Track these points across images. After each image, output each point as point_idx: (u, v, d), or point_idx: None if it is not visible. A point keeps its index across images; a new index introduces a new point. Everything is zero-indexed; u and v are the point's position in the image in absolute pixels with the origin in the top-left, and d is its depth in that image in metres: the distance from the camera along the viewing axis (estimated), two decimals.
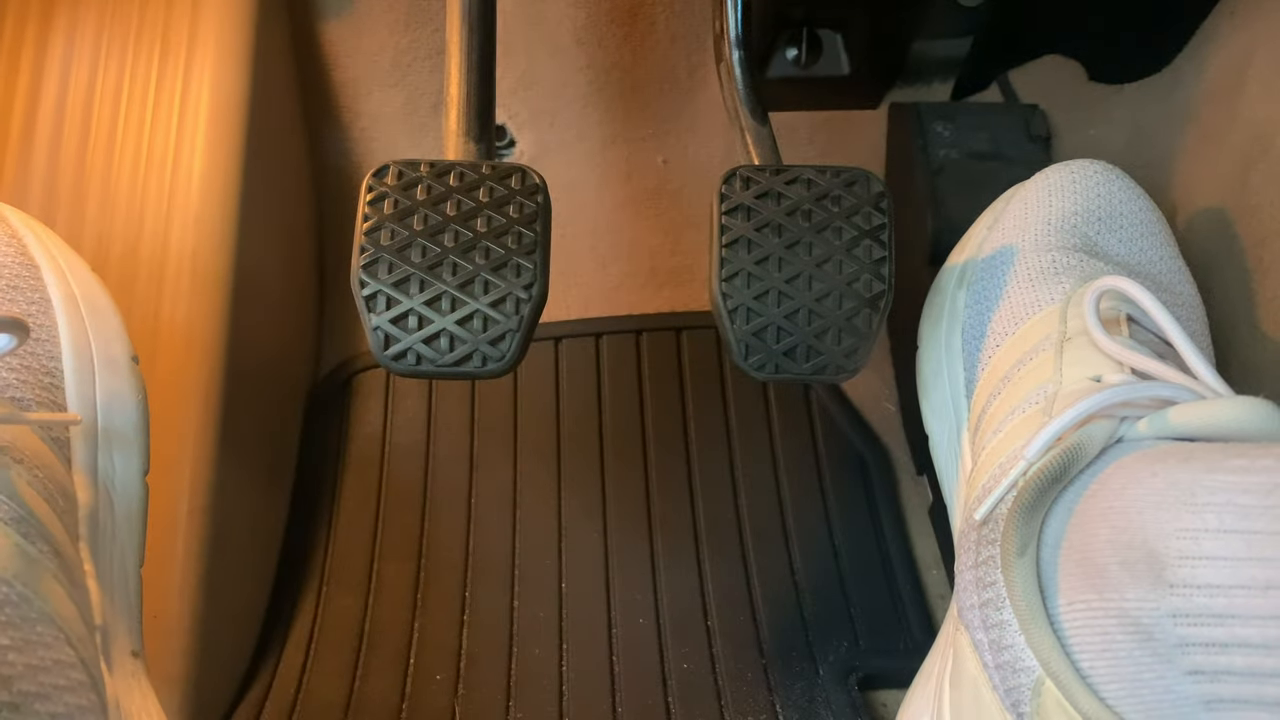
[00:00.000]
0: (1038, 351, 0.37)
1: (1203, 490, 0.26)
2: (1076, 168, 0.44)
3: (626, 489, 0.53)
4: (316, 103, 0.63)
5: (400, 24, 0.62)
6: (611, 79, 0.63)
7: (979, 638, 0.32)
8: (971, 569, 0.34)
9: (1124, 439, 0.31)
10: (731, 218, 0.39)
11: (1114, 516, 0.28)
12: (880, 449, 0.55)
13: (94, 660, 0.29)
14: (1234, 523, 0.24)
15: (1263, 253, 0.45)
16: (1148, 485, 0.28)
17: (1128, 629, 0.26)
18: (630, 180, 0.64)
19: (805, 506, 0.53)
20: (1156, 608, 0.25)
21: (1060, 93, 0.61)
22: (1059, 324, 0.37)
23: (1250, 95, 0.49)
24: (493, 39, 0.52)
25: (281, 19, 0.59)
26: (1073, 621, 0.28)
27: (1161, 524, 0.26)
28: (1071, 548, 0.30)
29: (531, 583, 0.50)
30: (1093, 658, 0.27)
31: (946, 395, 0.44)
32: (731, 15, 0.48)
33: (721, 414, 0.56)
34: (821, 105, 0.63)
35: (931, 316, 0.46)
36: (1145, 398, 0.31)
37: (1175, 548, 0.25)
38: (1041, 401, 0.35)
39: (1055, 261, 0.41)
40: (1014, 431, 0.35)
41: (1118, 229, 0.43)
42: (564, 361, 0.59)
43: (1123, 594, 0.27)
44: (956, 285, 0.45)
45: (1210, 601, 0.24)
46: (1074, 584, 0.29)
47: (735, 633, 0.48)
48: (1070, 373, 0.35)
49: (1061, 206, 0.43)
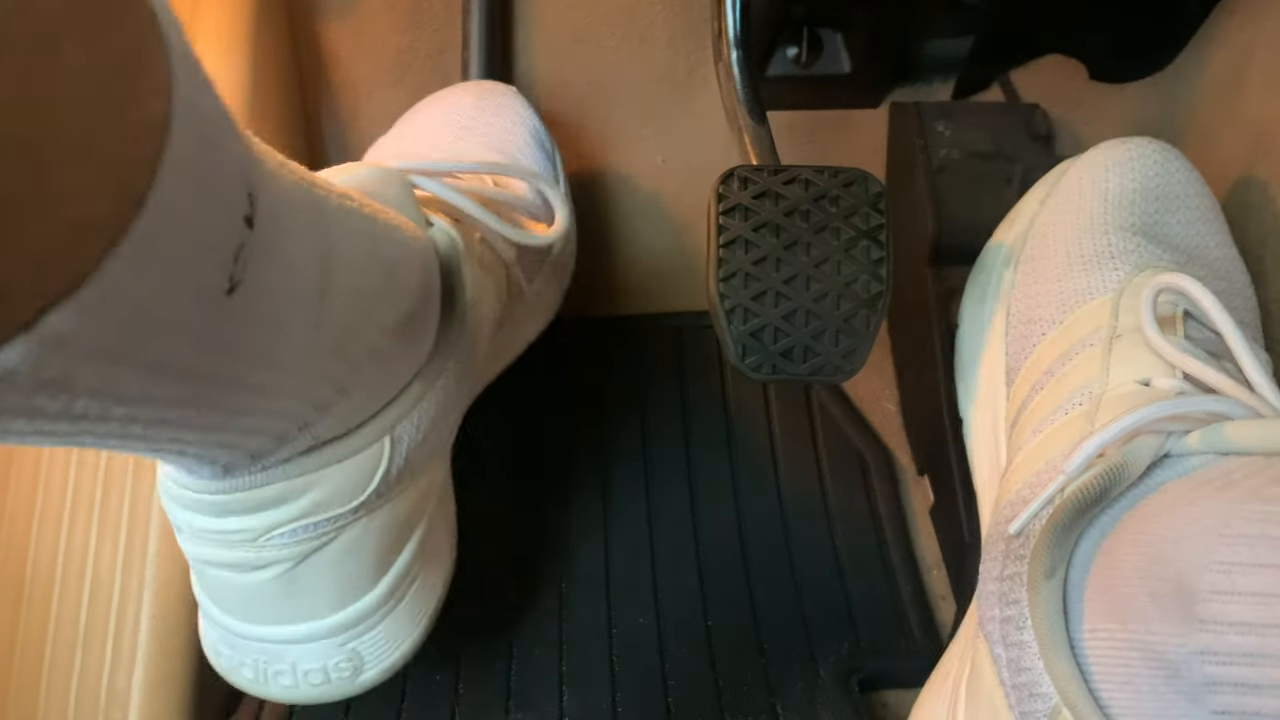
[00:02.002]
0: (1085, 346, 0.36)
1: (1239, 520, 0.24)
2: (1134, 145, 0.42)
3: (626, 489, 0.53)
4: (316, 103, 0.63)
5: (401, 24, 0.62)
6: (610, 79, 0.63)
7: (998, 653, 0.31)
8: (996, 580, 0.32)
9: (1171, 454, 0.29)
10: (729, 218, 0.39)
11: (1145, 544, 0.27)
12: (880, 449, 0.55)
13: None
14: (1270, 556, 0.23)
15: (1263, 253, 0.45)
16: (1182, 513, 0.26)
17: (1152, 663, 0.25)
18: (630, 180, 0.64)
19: (805, 506, 0.53)
20: (1184, 644, 0.24)
21: (1061, 92, 0.61)
22: (1110, 317, 0.36)
23: (1250, 95, 0.49)
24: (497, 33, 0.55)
25: (281, 19, 0.59)
26: (1095, 649, 0.27)
27: (1195, 555, 0.25)
28: (1100, 572, 0.28)
29: (531, 583, 0.50)
30: (1114, 689, 0.26)
31: (986, 381, 0.43)
32: (730, 15, 0.48)
33: (721, 414, 0.56)
34: (822, 104, 0.63)
35: (974, 295, 0.45)
36: (1196, 411, 0.29)
37: (1207, 581, 0.24)
38: (1085, 404, 0.33)
39: (1111, 245, 0.39)
40: (1053, 436, 0.34)
41: (1177, 210, 0.41)
42: (564, 362, 0.59)
43: (1149, 627, 0.26)
44: (1004, 264, 0.43)
45: (1242, 640, 0.23)
46: (1099, 610, 0.28)
47: (735, 633, 0.48)
48: (1118, 373, 0.33)
49: (1120, 183, 0.41)
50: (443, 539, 0.43)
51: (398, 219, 0.34)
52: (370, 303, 0.31)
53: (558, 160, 0.54)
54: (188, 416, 0.25)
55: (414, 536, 0.39)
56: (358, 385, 0.32)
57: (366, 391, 0.33)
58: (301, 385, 0.29)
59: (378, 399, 0.34)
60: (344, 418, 0.33)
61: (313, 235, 0.27)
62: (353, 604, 0.37)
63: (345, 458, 0.33)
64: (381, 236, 0.32)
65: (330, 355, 0.30)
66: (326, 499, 0.33)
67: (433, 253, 0.37)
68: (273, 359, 0.26)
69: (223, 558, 0.33)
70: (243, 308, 0.23)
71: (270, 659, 0.37)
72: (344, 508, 0.34)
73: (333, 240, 0.28)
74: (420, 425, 0.36)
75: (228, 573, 0.34)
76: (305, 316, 0.27)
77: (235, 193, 0.21)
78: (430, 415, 0.37)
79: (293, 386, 0.29)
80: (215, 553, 0.33)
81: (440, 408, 0.38)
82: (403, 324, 0.33)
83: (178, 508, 0.33)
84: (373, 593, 0.37)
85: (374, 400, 0.34)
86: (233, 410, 0.27)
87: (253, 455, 0.31)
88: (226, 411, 0.26)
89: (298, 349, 0.27)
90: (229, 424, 0.27)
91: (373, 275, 0.31)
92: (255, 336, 0.25)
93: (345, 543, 0.35)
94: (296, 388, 0.29)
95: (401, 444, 0.35)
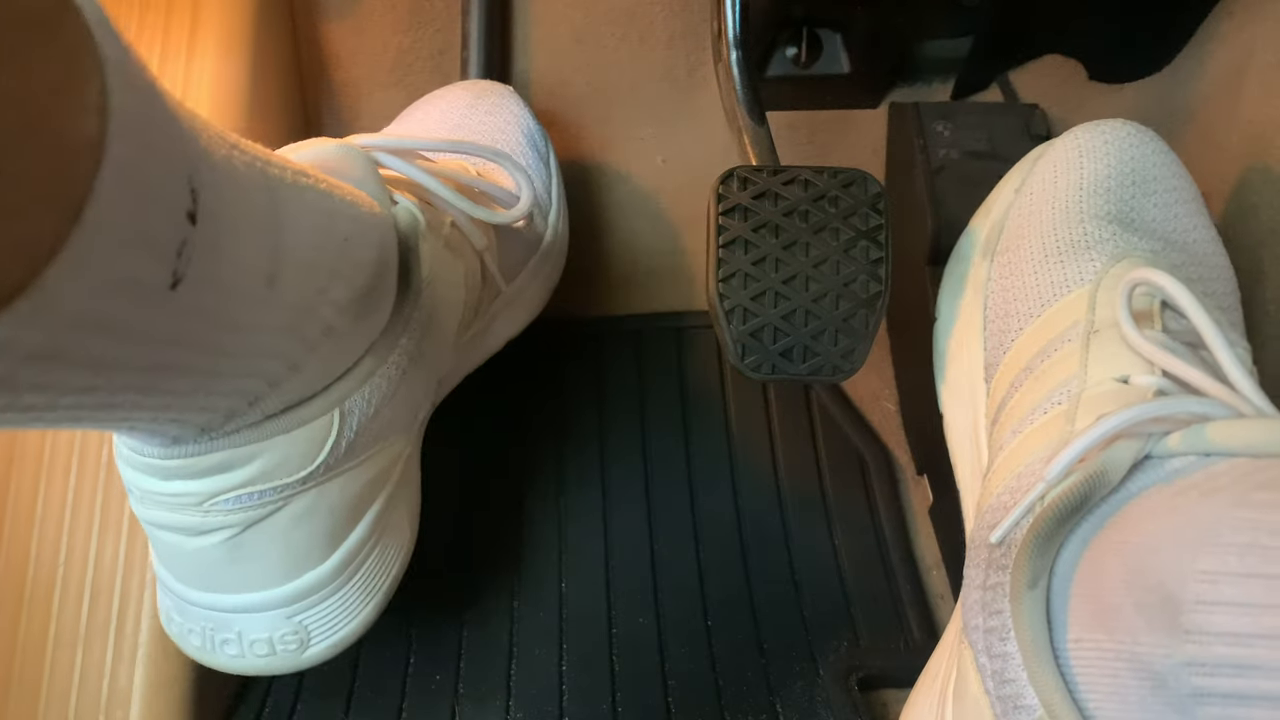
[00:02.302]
0: (1063, 342, 0.35)
1: (1225, 528, 0.24)
2: (1109, 128, 0.41)
3: (626, 488, 0.53)
4: (317, 103, 0.63)
5: (401, 24, 0.62)
6: (610, 79, 0.63)
7: (983, 663, 0.30)
8: (979, 589, 0.32)
9: (1152, 455, 0.29)
10: (729, 218, 0.39)
11: (1130, 553, 0.27)
12: (880, 449, 0.55)
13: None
14: (1257, 566, 0.23)
15: (1262, 253, 0.45)
16: (1166, 521, 0.26)
17: (1139, 674, 0.25)
18: (630, 180, 0.64)
19: (805, 506, 0.53)
20: (1170, 655, 0.24)
21: (1060, 92, 0.61)
22: (1088, 311, 0.35)
23: (1250, 95, 0.49)
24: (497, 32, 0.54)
25: (283, 19, 0.59)
26: (1081, 660, 0.27)
27: (1180, 564, 0.24)
28: (1084, 580, 0.28)
29: (531, 582, 0.50)
30: (1100, 699, 0.26)
31: (965, 377, 0.42)
32: (730, 15, 0.48)
33: (721, 414, 0.56)
34: (821, 105, 0.63)
35: (950, 287, 0.45)
36: (1177, 413, 0.29)
37: (1193, 591, 0.23)
38: (1064, 403, 0.33)
39: (1087, 233, 0.38)
40: (1033, 436, 0.33)
41: (1153, 193, 0.40)
42: (564, 362, 0.59)
43: (1135, 637, 0.25)
44: (981, 254, 0.43)
45: (1229, 651, 0.23)
46: (1084, 620, 0.27)
47: (735, 633, 0.48)
48: (1096, 371, 0.33)
49: (1094, 170, 0.40)
50: (403, 518, 0.43)
51: (354, 194, 0.34)
52: (325, 279, 0.31)
53: (552, 161, 0.55)
54: (135, 400, 0.25)
55: (369, 513, 0.39)
56: (310, 362, 0.32)
57: (320, 365, 0.33)
58: (252, 365, 0.30)
59: (330, 373, 0.35)
60: (295, 391, 0.33)
61: (263, 219, 0.27)
62: (301, 576, 0.37)
63: (293, 428, 0.33)
64: (337, 213, 0.32)
65: (282, 334, 0.30)
66: (272, 468, 0.33)
67: (391, 228, 0.37)
68: (221, 346, 0.27)
69: (170, 520, 0.34)
70: (188, 301, 0.23)
71: (217, 627, 0.37)
72: (291, 478, 0.34)
73: (284, 221, 0.28)
74: (371, 400, 0.37)
75: (176, 536, 0.35)
76: (254, 302, 0.27)
77: (177, 191, 0.21)
78: (382, 390, 0.37)
79: (243, 367, 0.29)
80: (163, 515, 0.34)
81: (393, 383, 0.38)
82: (356, 300, 0.33)
83: (129, 469, 0.33)
84: (322, 566, 0.37)
85: (326, 374, 0.34)
86: (181, 393, 0.27)
87: (202, 428, 0.31)
88: (175, 394, 0.27)
89: (247, 333, 0.28)
90: (178, 404, 0.28)
91: (326, 252, 0.31)
92: (202, 327, 0.25)
93: (293, 513, 0.35)
94: (247, 368, 0.29)
95: (352, 417, 0.36)
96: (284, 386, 0.32)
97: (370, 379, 0.36)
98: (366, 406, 0.36)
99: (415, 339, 0.39)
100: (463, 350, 0.47)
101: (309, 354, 0.32)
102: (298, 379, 0.32)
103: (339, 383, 0.35)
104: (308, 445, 0.34)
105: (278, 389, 0.32)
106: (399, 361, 0.38)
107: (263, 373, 0.30)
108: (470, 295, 0.45)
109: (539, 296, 0.54)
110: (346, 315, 0.33)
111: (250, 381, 0.30)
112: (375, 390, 0.37)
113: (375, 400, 0.37)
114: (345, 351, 0.35)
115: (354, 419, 0.36)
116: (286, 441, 0.33)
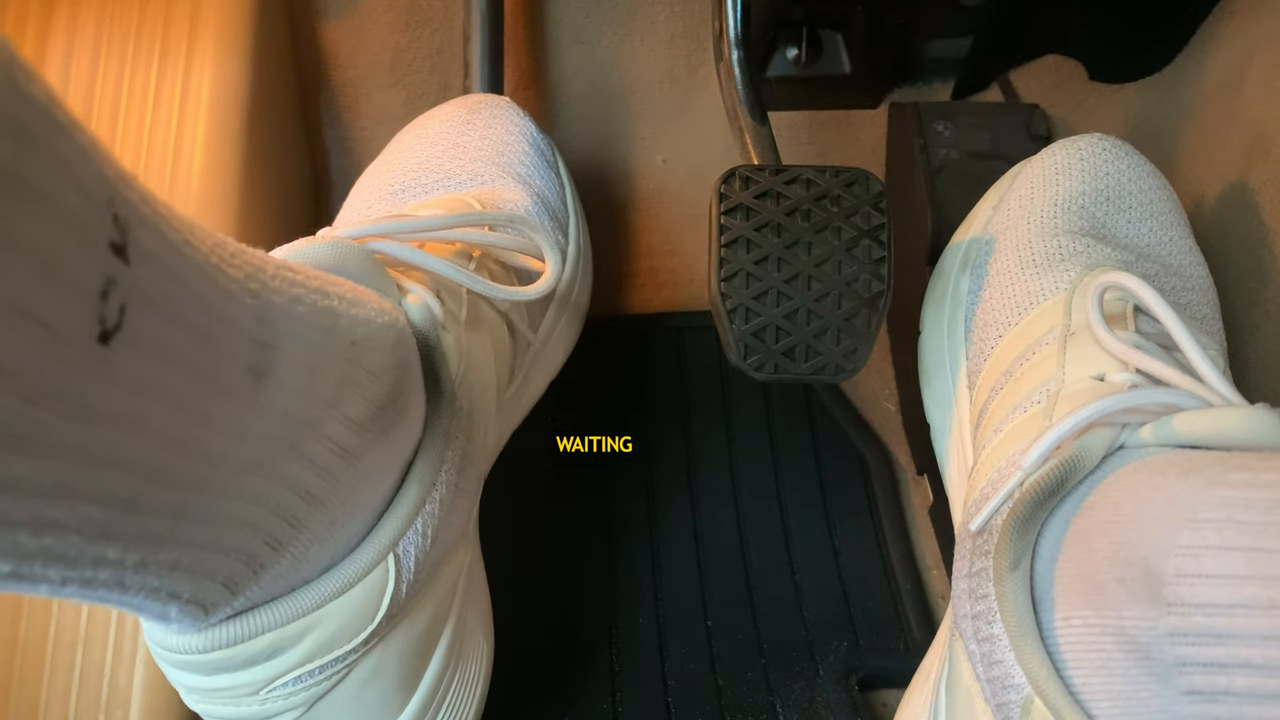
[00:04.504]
0: (1041, 345, 0.36)
1: (1203, 505, 0.25)
2: (1084, 144, 0.42)
3: (625, 489, 0.53)
4: (316, 103, 0.63)
5: (400, 24, 0.62)
6: (611, 79, 0.63)
7: (971, 648, 0.31)
8: (965, 578, 0.33)
9: (1125, 445, 0.30)
10: (730, 217, 0.39)
11: (1112, 531, 0.28)
12: (880, 449, 0.55)
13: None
14: (1235, 539, 0.24)
15: (1262, 253, 0.45)
16: (1147, 499, 0.27)
17: (1124, 647, 0.26)
18: (630, 180, 0.64)
19: (805, 506, 0.53)
20: (1154, 627, 0.25)
21: (1060, 92, 0.61)
22: (1064, 317, 0.37)
23: (1250, 95, 0.49)
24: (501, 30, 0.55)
25: (281, 19, 0.59)
26: (1067, 637, 0.28)
27: (1160, 540, 0.25)
28: (1068, 561, 0.29)
29: (530, 583, 0.50)
30: (1087, 675, 0.27)
31: (949, 385, 0.43)
32: (731, 15, 0.48)
33: (721, 414, 0.56)
34: (821, 105, 0.63)
35: (934, 302, 0.46)
36: (1149, 404, 0.30)
37: (1174, 565, 0.24)
38: (1043, 401, 0.34)
39: (1061, 247, 0.40)
40: (1014, 433, 0.35)
41: (1126, 209, 0.41)
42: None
43: (1119, 612, 0.26)
44: (960, 269, 0.44)
45: (1210, 621, 0.24)
46: (1070, 599, 0.28)
47: (735, 633, 0.48)
48: (1073, 370, 0.34)
49: (1069, 186, 0.41)
50: (476, 630, 0.39)
51: (356, 290, 0.29)
52: (333, 389, 0.26)
53: (562, 169, 0.52)
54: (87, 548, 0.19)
55: (441, 644, 0.36)
56: (331, 493, 0.27)
57: (344, 500, 0.28)
58: (251, 488, 0.24)
59: (362, 509, 0.30)
60: (322, 536, 0.28)
61: (235, 291, 0.22)
62: None
63: (343, 590, 0.29)
64: (338, 311, 0.27)
65: (282, 450, 0.25)
66: (329, 639, 0.29)
67: (406, 327, 0.32)
68: (197, 443, 0.21)
69: (228, 714, 0.30)
70: (132, 368, 0.18)
71: None
72: (351, 644, 0.30)
73: (269, 306, 0.23)
74: (425, 532, 0.32)
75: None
76: (236, 398, 0.22)
77: (90, 211, 0.17)
78: (436, 517, 0.32)
79: (234, 487, 0.23)
80: (218, 709, 0.30)
81: (446, 506, 0.33)
82: (376, 414, 0.28)
83: (167, 667, 0.29)
84: (400, 717, 0.34)
85: (357, 511, 0.29)
86: (155, 532, 0.21)
87: (224, 592, 0.25)
88: (148, 531, 0.20)
89: (230, 437, 0.22)
90: (159, 551, 0.21)
91: (331, 355, 0.26)
92: (160, 409, 0.19)
93: (360, 676, 0.32)
94: (240, 488, 0.23)
95: (407, 557, 0.31)
96: (305, 528, 0.27)
97: (420, 511, 0.32)
98: (421, 540, 0.32)
99: (459, 449, 0.34)
100: (504, 411, 0.42)
101: (325, 481, 0.27)
102: (320, 515, 0.27)
103: (383, 523, 0.31)
104: (364, 603, 0.30)
105: (298, 532, 0.26)
106: (448, 479, 0.33)
107: (269, 503, 0.25)
108: (501, 362, 0.40)
109: (571, 336, 0.50)
110: (368, 434, 0.28)
111: (256, 514, 0.24)
112: (429, 521, 0.32)
113: (431, 531, 0.32)
114: (376, 481, 0.30)
115: (409, 560, 0.31)
116: (338, 607, 0.29)
